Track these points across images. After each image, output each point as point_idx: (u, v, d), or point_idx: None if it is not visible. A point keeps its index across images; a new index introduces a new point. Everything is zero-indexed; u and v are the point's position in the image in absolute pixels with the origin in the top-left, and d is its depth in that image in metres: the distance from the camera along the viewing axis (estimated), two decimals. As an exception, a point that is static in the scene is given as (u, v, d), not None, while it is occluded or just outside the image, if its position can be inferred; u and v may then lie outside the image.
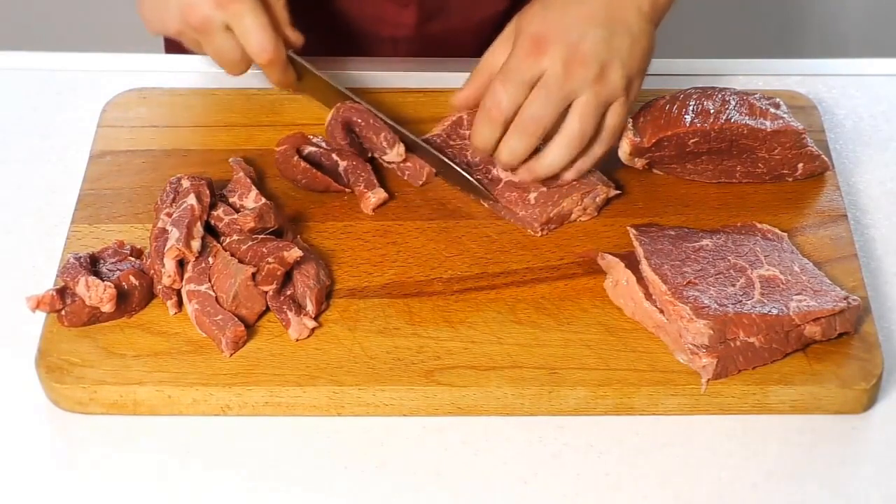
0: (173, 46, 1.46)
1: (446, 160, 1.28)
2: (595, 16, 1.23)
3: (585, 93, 1.21)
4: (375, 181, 1.28)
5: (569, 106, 1.22)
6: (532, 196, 1.26)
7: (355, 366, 1.14)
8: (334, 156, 1.29)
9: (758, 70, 1.45)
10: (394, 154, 1.29)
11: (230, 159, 1.28)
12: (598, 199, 1.27)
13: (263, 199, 1.24)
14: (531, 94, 1.22)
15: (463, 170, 1.28)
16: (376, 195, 1.27)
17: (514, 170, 1.27)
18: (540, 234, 1.26)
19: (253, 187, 1.25)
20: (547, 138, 1.24)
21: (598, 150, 1.26)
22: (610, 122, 1.25)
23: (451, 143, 1.31)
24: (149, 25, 1.31)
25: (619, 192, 1.28)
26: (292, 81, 1.35)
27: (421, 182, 1.29)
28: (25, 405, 1.15)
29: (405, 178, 1.30)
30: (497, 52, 1.27)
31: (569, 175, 1.26)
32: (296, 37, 1.33)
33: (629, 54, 1.23)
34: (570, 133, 1.23)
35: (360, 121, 1.30)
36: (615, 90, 1.22)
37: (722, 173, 1.30)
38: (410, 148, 1.30)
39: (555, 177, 1.26)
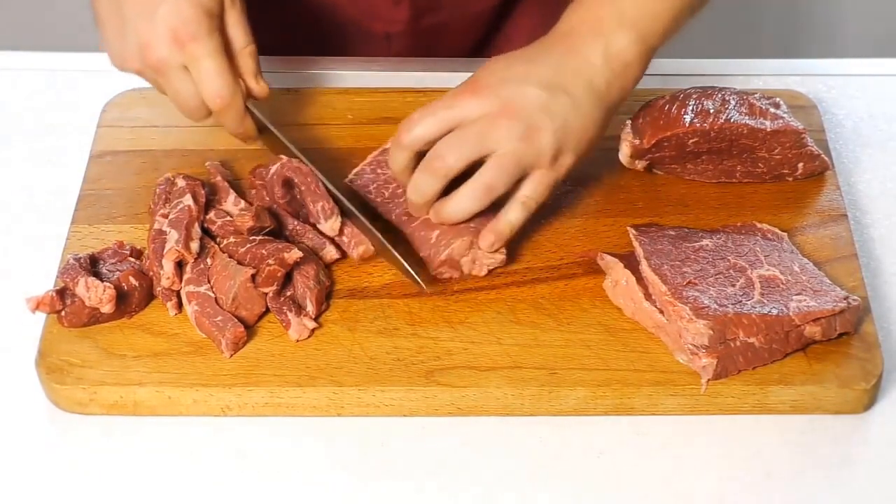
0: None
1: (384, 241, 1.20)
2: (540, 77, 1.16)
3: (505, 148, 1.15)
4: (324, 241, 1.22)
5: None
6: (434, 234, 1.21)
7: (355, 366, 1.14)
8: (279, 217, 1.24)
9: (758, 70, 1.45)
10: (328, 226, 1.21)
11: (206, 163, 1.28)
12: (486, 261, 1.21)
13: (242, 202, 1.23)
14: (446, 135, 1.17)
15: (401, 255, 1.19)
16: (329, 254, 1.22)
17: (417, 212, 1.21)
18: (440, 276, 1.21)
19: (231, 191, 1.24)
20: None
21: (512, 217, 1.18)
22: (523, 191, 1.18)
23: (380, 171, 1.26)
24: (112, 60, 1.25)
25: (503, 257, 1.20)
26: (251, 133, 1.27)
27: (357, 256, 1.22)
28: (25, 406, 1.15)
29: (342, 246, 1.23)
30: None
31: (483, 243, 1.19)
32: (260, 88, 1.25)
33: (565, 125, 1.16)
34: (479, 182, 1.16)
35: (300, 183, 1.22)
36: (539, 157, 1.16)
37: (722, 173, 1.30)
38: (349, 216, 1.22)
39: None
